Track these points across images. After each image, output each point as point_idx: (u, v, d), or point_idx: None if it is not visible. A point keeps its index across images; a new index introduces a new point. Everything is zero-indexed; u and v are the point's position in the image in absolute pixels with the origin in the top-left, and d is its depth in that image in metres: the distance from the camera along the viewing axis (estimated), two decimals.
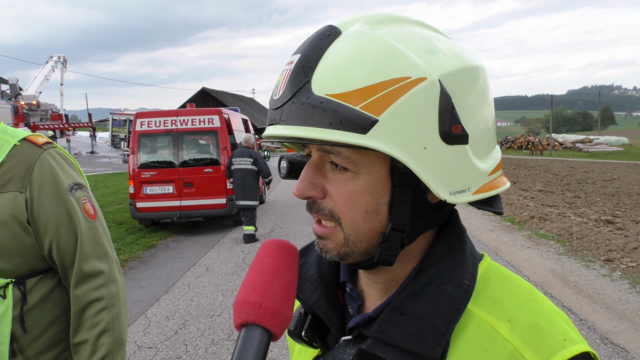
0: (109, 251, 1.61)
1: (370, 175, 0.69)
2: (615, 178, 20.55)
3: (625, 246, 7.73)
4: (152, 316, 5.88)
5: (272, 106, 0.72)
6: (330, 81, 0.65)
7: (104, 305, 1.54)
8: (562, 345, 0.65)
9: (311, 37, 0.71)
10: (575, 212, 11.21)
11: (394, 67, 0.65)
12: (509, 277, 0.76)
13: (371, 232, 0.71)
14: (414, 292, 0.72)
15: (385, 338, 0.69)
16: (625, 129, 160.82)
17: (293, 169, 1.08)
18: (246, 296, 0.65)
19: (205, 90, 52.70)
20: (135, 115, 11.04)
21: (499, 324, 0.68)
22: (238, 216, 11.17)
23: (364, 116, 0.64)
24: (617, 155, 39.14)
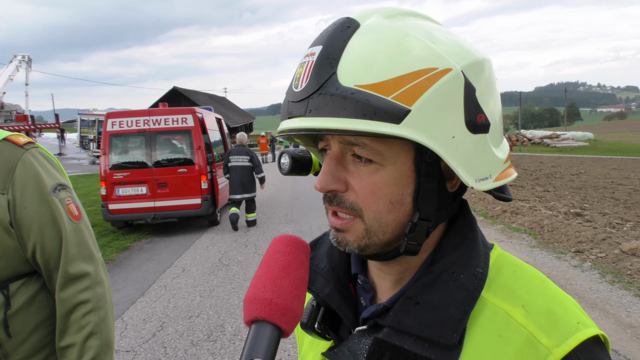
0: (94, 253, 1.58)
1: (396, 166, 0.70)
2: (582, 172, 21.13)
3: (594, 237, 7.96)
4: (128, 319, 5.79)
5: (293, 98, 0.70)
6: (359, 72, 0.65)
7: (91, 308, 1.51)
8: (576, 329, 0.67)
9: (330, 29, 0.70)
10: (545, 206, 11.48)
11: (422, 59, 0.65)
12: (520, 265, 0.77)
13: (395, 222, 0.72)
14: (428, 281, 0.73)
15: (401, 327, 0.70)
16: (590, 124, 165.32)
17: (296, 165, 1.07)
18: (256, 292, 0.64)
19: (177, 89, 52.00)
20: (106, 115, 10.80)
21: (513, 310, 0.69)
22: (213, 216, 11.10)
23: (397, 106, 0.64)
24: (583, 150, 40.23)
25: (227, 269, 7.64)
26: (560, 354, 0.64)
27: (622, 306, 5.54)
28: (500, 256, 0.78)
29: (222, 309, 5.95)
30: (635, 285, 6.12)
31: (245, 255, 8.43)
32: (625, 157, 32.32)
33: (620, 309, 5.47)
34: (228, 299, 6.26)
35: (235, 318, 5.63)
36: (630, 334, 4.81)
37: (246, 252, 8.65)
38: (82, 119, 37.12)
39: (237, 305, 6.02)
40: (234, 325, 5.42)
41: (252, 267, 7.68)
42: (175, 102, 46.23)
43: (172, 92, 51.44)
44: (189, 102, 47.04)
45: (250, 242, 9.47)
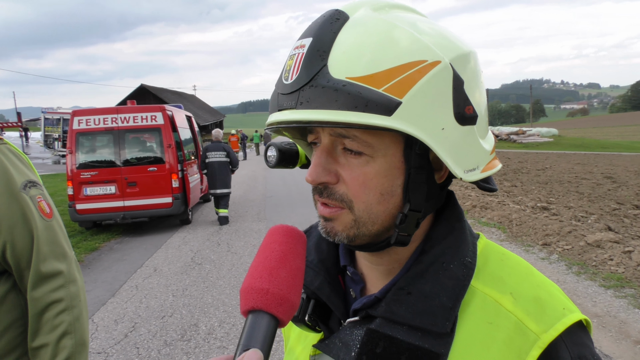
0: (67, 251, 1.54)
1: (386, 158, 0.70)
2: (548, 167, 21.67)
3: (560, 230, 8.18)
4: (99, 321, 5.67)
5: (283, 91, 0.70)
6: (350, 64, 0.65)
7: (64, 307, 1.48)
8: (562, 314, 0.69)
9: (319, 21, 0.70)
10: (513, 200, 11.74)
11: (412, 51, 0.66)
12: (506, 254, 0.79)
13: (384, 213, 0.73)
14: (419, 271, 0.74)
15: (394, 317, 0.71)
16: (554, 120, 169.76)
17: (283, 158, 1.07)
18: (253, 282, 0.64)
19: (145, 87, 51.06)
20: (72, 113, 10.52)
21: (502, 297, 0.71)
22: (185, 215, 10.96)
23: (388, 98, 0.64)
24: (548, 145, 41.26)
25: (199, 268, 7.56)
26: (548, 339, 0.66)
27: (588, 296, 5.72)
28: (487, 245, 0.80)
29: (195, 308, 5.89)
30: (600, 276, 6.32)
31: (218, 254, 8.36)
32: (588, 152, 33.31)
33: (587, 299, 5.64)
34: (201, 298, 6.20)
35: (209, 317, 5.58)
36: (597, 323, 4.96)
37: (219, 251, 8.58)
38: (46, 117, 36.10)
39: (211, 304, 5.96)
40: (208, 324, 5.37)
41: (225, 265, 7.62)
42: (144, 100, 45.39)
43: (140, 89, 50.48)
44: (158, 100, 46.28)
45: (223, 240, 9.39)
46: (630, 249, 6.79)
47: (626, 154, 31.56)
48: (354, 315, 0.79)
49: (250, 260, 7.79)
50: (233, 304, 5.92)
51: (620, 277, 6.15)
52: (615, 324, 4.92)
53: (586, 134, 62.89)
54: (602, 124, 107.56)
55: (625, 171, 19.66)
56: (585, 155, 30.73)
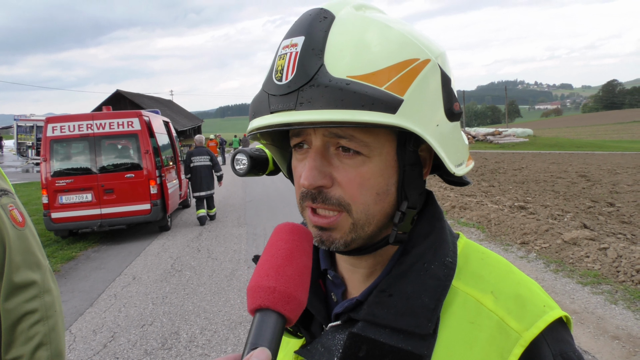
0: (41, 260, 1.50)
1: (381, 157, 0.70)
2: (524, 167, 22.02)
3: (537, 229, 8.31)
4: (76, 331, 5.55)
5: (277, 92, 0.68)
6: (349, 63, 0.65)
7: (39, 318, 1.43)
8: (543, 312, 0.69)
9: (307, 20, 0.69)
10: (491, 200, 11.88)
11: (405, 50, 0.67)
12: (486, 253, 0.79)
13: (380, 213, 0.73)
14: (400, 273, 0.73)
15: (376, 319, 0.70)
16: (529, 120, 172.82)
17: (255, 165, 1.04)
18: (260, 280, 0.63)
19: (120, 92, 50.38)
20: (45, 120, 10.31)
21: (483, 297, 0.71)
22: (164, 222, 10.83)
23: (392, 96, 0.65)
24: (523, 145, 41.95)
25: (180, 275, 7.47)
26: (530, 337, 0.66)
27: (567, 293, 5.81)
28: (467, 245, 0.80)
29: (176, 315, 5.81)
30: (577, 273, 6.43)
31: (199, 260, 8.27)
32: (562, 152, 33.97)
33: (565, 296, 5.73)
34: (182, 306, 6.12)
35: (190, 324, 5.51)
36: (575, 320, 5.04)
37: (199, 257, 8.49)
38: (19, 124, 35.31)
39: (192, 311, 5.89)
40: (189, 332, 5.30)
41: (205, 271, 7.54)
42: (120, 106, 44.78)
43: (116, 95, 49.79)
44: (134, 105, 45.69)
45: (203, 246, 9.29)
46: (606, 246, 6.93)
47: (599, 153, 32.28)
48: (335, 319, 0.78)
49: (231, 266, 7.73)
50: (214, 311, 5.86)
51: (596, 274, 6.27)
52: (592, 320, 5.00)
53: (560, 134, 64.16)
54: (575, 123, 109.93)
55: (599, 170, 20.10)
56: (559, 154, 31.33)
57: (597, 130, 77.64)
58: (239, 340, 5.00)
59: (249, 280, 7.03)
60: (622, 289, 5.77)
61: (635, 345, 4.40)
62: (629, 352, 4.29)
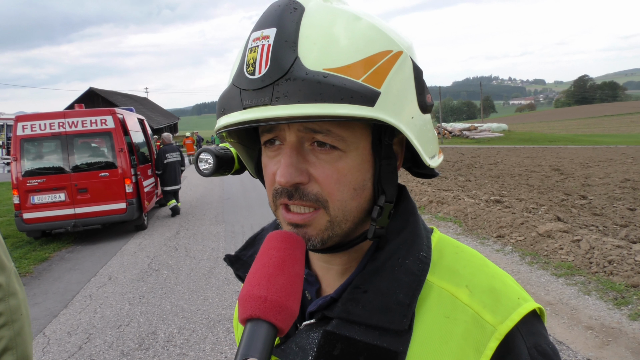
0: (5, 262, 1.45)
1: (358, 151, 0.69)
2: (499, 161, 22.35)
3: (513, 222, 8.44)
4: (50, 333, 5.43)
5: (249, 86, 0.65)
6: (325, 55, 0.63)
7: (4, 322, 1.38)
8: (517, 304, 0.69)
9: (276, 11, 0.66)
10: (468, 195, 12.02)
11: (380, 41, 0.66)
12: (460, 247, 0.79)
13: (357, 209, 0.71)
14: (375, 269, 0.72)
15: (350, 317, 0.69)
16: (504, 116, 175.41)
17: (220, 164, 1.00)
18: (251, 290, 0.62)
19: (93, 90, 49.49)
20: (15, 118, 10.04)
21: (458, 290, 0.70)
22: (140, 221, 10.67)
23: (370, 89, 0.63)
24: (499, 140, 42.57)
25: (157, 274, 7.37)
26: (505, 329, 0.66)
27: (541, 285, 5.91)
28: (441, 239, 0.80)
29: (153, 315, 5.73)
30: (551, 265, 6.55)
31: (176, 259, 8.17)
32: (536, 146, 34.57)
33: (540, 287, 5.83)
34: (159, 305, 6.04)
35: (167, 324, 5.44)
36: (550, 311, 5.14)
37: (177, 256, 8.39)
38: None
39: (170, 311, 5.82)
40: (167, 332, 5.23)
41: (183, 270, 7.46)
42: (93, 103, 43.99)
43: (89, 93, 48.89)
44: (108, 103, 44.93)
45: (181, 245, 9.19)
46: (579, 238, 7.07)
47: (571, 147, 32.94)
48: (309, 317, 0.77)
49: (209, 264, 7.66)
50: (192, 310, 5.80)
51: (570, 266, 6.40)
52: (567, 311, 5.10)
53: (534, 129, 65.27)
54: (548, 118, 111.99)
55: (571, 163, 20.52)
56: (533, 149, 31.87)
57: (570, 124, 79.21)
58: (217, 339, 4.95)
59: (227, 278, 7.01)
60: (594, 279, 5.89)
61: (607, 334, 4.51)
62: (602, 342, 4.38)
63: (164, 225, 11.44)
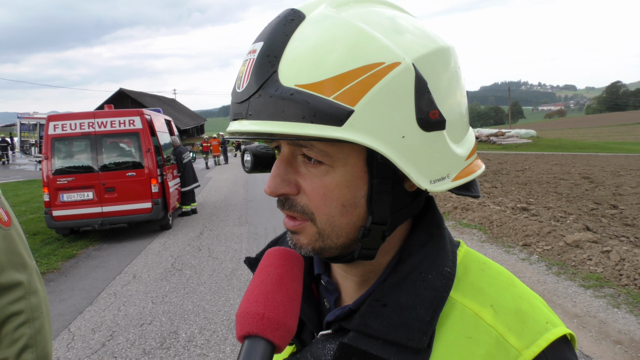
0: (27, 260, 1.47)
1: (347, 168, 0.66)
2: (527, 168, 21.94)
3: (540, 231, 8.26)
4: (75, 330, 5.53)
5: (235, 99, 0.67)
6: (299, 70, 0.61)
7: (25, 319, 1.40)
8: (545, 329, 0.65)
9: (273, 23, 0.66)
10: (493, 202, 11.83)
11: (367, 53, 0.61)
12: (487, 263, 0.75)
13: (349, 226, 0.68)
14: (395, 282, 0.70)
15: (368, 330, 0.67)
16: (532, 122, 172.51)
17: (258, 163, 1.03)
18: (248, 307, 0.62)
19: (123, 91, 50.50)
20: (47, 118, 10.31)
21: (482, 310, 0.67)
22: (165, 220, 10.82)
23: (338, 107, 0.60)
24: (526, 146, 41.83)
25: (180, 274, 7.45)
26: (530, 355, 0.62)
27: (568, 296, 5.76)
28: (467, 254, 0.76)
29: (175, 315, 5.78)
30: (579, 276, 6.39)
31: (199, 259, 8.25)
32: (565, 153, 33.85)
33: (567, 299, 5.69)
34: (182, 305, 6.09)
35: (189, 324, 5.48)
36: (577, 324, 5.00)
37: (200, 256, 8.47)
38: (22, 122, 35.42)
39: (191, 311, 5.87)
40: (188, 332, 5.27)
41: (206, 271, 7.52)
42: (122, 104, 44.88)
43: (119, 94, 49.91)
44: (136, 104, 45.76)
45: (204, 245, 9.27)
46: (609, 249, 6.87)
47: (602, 155, 32.15)
48: (327, 327, 0.75)
49: (231, 265, 7.70)
50: (214, 310, 5.84)
51: (599, 277, 6.22)
52: (595, 324, 4.96)
53: (563, 135, 63.98)
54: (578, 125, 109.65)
55: (602, 171, 20.01)
56: (562, 156, 31.22)
57: (601, 131, 77.40)
58: (237, 341, 4.97)
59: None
60: (624, 292, 5.72)
61: (638, 350, 4.36)
62: (632, 358, 4.24)
63: (188, 225, 11.56)
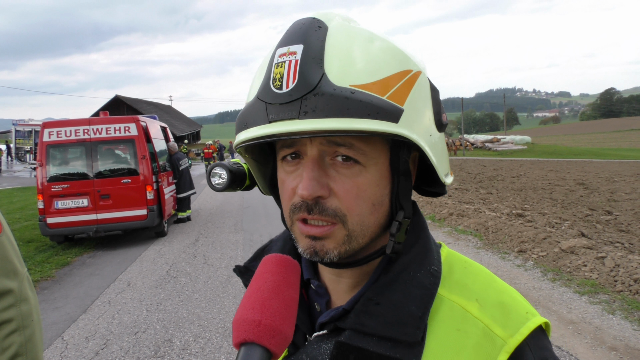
0: (18, 268, 1.45)
1: (377, 167, 0.71)
2: (522, 174, 22.02)
3: (535, 237, 8.27)
4: (69, 338, 5.49)
5: (277, 100, 0.66)
6: (350, 72, 0.65)
7: (15, 327, 1.39)
8: (526, 319, 0.72)
9: (302, 28, 0.68)
10: (489, 208, 11.85)
11: (400, 61, 0.69)
12: (468, 262, 0.82)
13: (375, 224, 0.73)
14: (387, 281, 0.74)
15: (364, 328, 0.70)
16: (527, 128, 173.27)
17: (234, 179, 1.01)
18: (245, 314, 0.62)
19: (119, 98, 50.45)
20: (42, 125, 10.27)
21: (468, 304, 0.73)
22: (160, 227, 10.78)
23: (394, 106, 0.66)
24: (522, 153, 41.99)
25: (175, 282, 7.41)
26: (514, 343, 0.69)
27: (564, 303, 5.76)
28: (450, 254, 0.82)
29: (170, 323, 5.75)
30: (574, 282, 6.39)
31: (194, 267, 8.21)
32: (560, 159, 33.99)
33: (562, 305, 5.69)
34: (176, 313, 6.06)
35: (183, 332, 5.45)
36: (572, 330, 5.00)
37: (195, 263, 8.43)
38: (17, 129, 35.28)
39: (186, 319, 5.83)
40: (183, 340, 5.24)
41: (201, 278, 7.49)
42: (118, 111, 44.82)
43: (115, 100, 49.87)
44: (132, 110, 45.71)
45: (199, 252, 9.24)
46: (603, 255, 6.89)
47: (597, 161, 32.30)
48: (320, 329, 0.78)
49: (226, 273, 7.67)
50: (209, 318, 5.81)
51: (594, 283, 6.23)
52: (590, 331, 4.96)
53: (558, 142, 64.25)
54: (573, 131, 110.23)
55: (597, 177, 20.10)
56: (557, 162, 31.34)
57: (595, 138, 77.80)
58: (232, 349, 4.93)
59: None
60: (619, 298, 5.73)
61: (633, 356, 4.36)
62: None
63: (183, 232, 11.53)
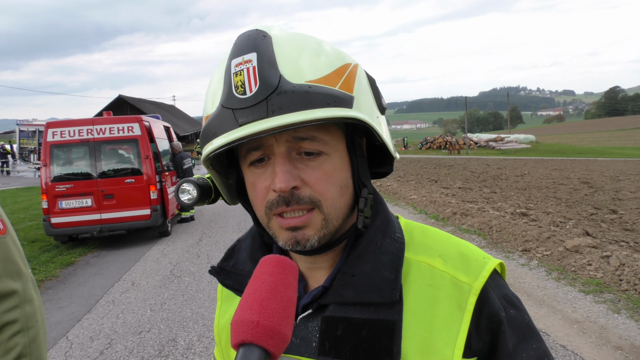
0: (22, 269, 1.45)
1: (338, 153, 0.78)
2: (526, 173, 21.96)
3: (539, 236, 8.24)
4: (73, 338, 5.50)
5: (242, 105, 0.71)
6: (304, 70, 0.73)
7: (19, 328, 1.38)
8: (484, 262, 0.81)
9: (249, 39, 0.75)
10: (493, 207, 11.82)
11: (340, 57, 0.78)
12: (424, 227, 0.90)
13: (345, 205, 0.80)
14: (357, 254, 0.82)
15: (345, 300, 0.79)
16: (531, 127, 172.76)
17: (203, 194, 1.03)
18: (243, 315, 0.62)
19: (122, 97, 50.55)
20: (46, 125, 10.31)
21: (433, 261, 0.82)
22: (164, 227, 10.80)
23: (346, 94, 0.74)
24: (525, 151, 41.89)
25: (179, 281, 7.42)
26: (479, 285, 0.78)
27: (568, 302, 5.74)
28: (407, 223, 0.91)
29: (174, 322, 5.76)
30: (579, 281, 6.37)
31: (198, 266, 8.22)
32: (564, 158, 33.90)
33: (567, 305, 5.67)
34: (180, 312, 6.07)
35: (187, 331, 5.45)
36: (577, 329, 4.98)
37: (199, 263, 8.44)
38: (21, 129, 35.42)
39: (190, 318, 5.84)
40: (187, 339, 5.25)
41: (205, 277, 7.49)
42: (121, 111, 44.90)
43: (118, 100, 49.96)
44: (136, 110, 45.79)
45: (203, 252, 9.25)
46: (608, 254, 6.86)
47: (601, 159, 32.20)
48: (304, 310, 0.83)
49: None
50: (212, 317, 5.80)
51: (599, 282, 6.20)
52: (595, 330, 4.93)
53: (562, 140, 64.04)
54: (577, 130, 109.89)
55: (601, 176, 20.03)
56: (562, 161, 31.26)
57: (600, 136, 77.53)
58: None
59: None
60: (624, 298, 5.70)
61: (638, 355, 4.33)
62: None
63: (187, 232, 11.55)
